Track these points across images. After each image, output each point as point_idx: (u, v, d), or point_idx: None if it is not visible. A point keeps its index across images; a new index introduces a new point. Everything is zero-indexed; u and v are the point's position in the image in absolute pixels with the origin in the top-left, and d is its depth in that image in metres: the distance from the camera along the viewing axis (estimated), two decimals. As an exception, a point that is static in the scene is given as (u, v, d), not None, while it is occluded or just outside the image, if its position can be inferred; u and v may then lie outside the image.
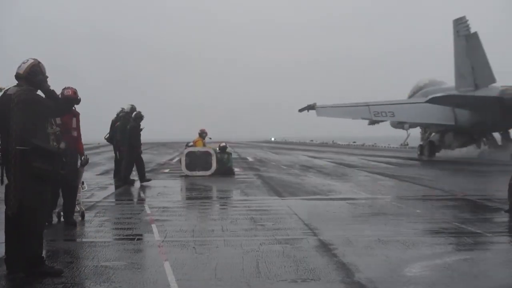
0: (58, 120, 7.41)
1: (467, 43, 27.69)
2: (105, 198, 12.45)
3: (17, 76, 5.76)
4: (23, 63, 5.80)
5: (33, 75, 5.74)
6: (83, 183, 9.49)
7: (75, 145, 8.88)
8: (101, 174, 18.19)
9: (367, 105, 30.33)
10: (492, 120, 27.32)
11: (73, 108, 8.30)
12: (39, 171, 5.57)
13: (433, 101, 27.77)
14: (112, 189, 14.49)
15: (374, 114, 30.42)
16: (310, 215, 9.66)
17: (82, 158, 9.01)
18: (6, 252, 5.76)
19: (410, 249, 6.91)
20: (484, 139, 29.89)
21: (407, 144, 43.40)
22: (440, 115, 29.41)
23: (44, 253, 5.85)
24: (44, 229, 5.87)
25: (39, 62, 5.83)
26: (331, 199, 12.07)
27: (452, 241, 7.47)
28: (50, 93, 5.86)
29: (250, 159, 29.79)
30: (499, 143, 29.16)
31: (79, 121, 9.06)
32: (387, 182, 15.85)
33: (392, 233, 7.93)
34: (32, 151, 5.53)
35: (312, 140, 75.21)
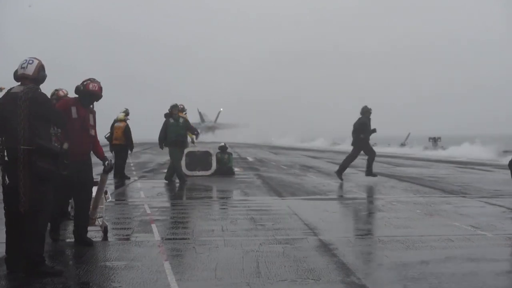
0: (74, 114, 7.06)
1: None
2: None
3: (23, 77, 5.73)
4: (29, 64, 5.74)
5: (41, 76, 5.77)
6: (106, 192, 7.88)
7: (95, 147, 7.45)
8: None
9: None
10: None
11: (92, 106, 7.41)
12: (43, 171, 5.57)
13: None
14: (112, 189, 14.49)
15: None
16: (310, 215, 9.65)
17: (106, 163, 7.34)
18: (6, 252, 5.76)
19: (410, 249, 6.92)
20: None
21: (405, 144, 45.58)
22: None
23: (44, 253, 5.83)
24: (46, 230, 5.87)
25: (41, 62, 5.83)
26: (331, 199, 12.07)
27: (453, 241, 7.47)
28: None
29: (250, 159, 29.77)
30: None
31: (95, 120, 7.53)
32: (387, 182, 15.84)
33: (392, 233, 7.93)
34: (37, 150, 5.53)
35: None
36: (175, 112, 16.05)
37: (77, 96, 7.34)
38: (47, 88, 6.01)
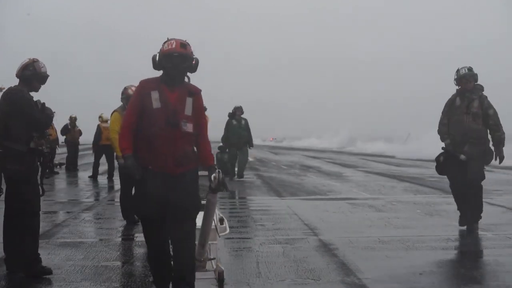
0: (156, 102, 4.56)
1: None
2: (105, 198, 12.44)
3: (16, 76, 5.74)
4: (21, 63, 5.75)
5: (24, 76, 5.64)
6: (222, 220, 5.36)
7: (199, 150, 4.84)
8: (101, 174, 18.16)
9: None
10: None
11: (187, 79, 4.74)
12: (12, 173, 5.50)
13: None
14: (112, 188, 14.49)
15: None
16: (310, 215, 9.65)
17: (213, 176, 4.73)
18: (5, 252, 5.75)
19: (410, 249, 6.91)
20: None
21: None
22: None
23: (42, 254, 5.83)
24: (35, 229, 5.73)
25: (34, 61, 5.69)
26: (331, 199, 12.07)
27: (453, 241, 7.47)
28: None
29: (250, 159, 29.70)
30: None
31: (201, 106, 4.76)
32: (387, 182, 15.84)
33: (393, 233, 7.92)
34: (4, 153, 5.47)
35: None
36: (238, 114, 16.39)
37: (160, 75, 4.76)
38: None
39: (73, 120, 20.82)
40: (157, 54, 4.65)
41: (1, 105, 5.57)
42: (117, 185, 15.19)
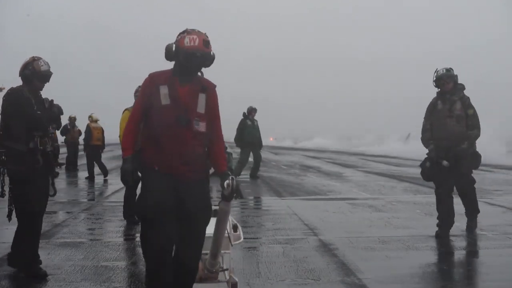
0: (165, 99, 4.14)
1: None
2: (105, 198, 12.43)
3: (19, 75, 5.73)
4: (23, 62, 5.74)
5: (23, 75, 5.60)
6: (236, 227, 5.07)
7: (212, 152, 4.35)
8: (101, 174, 18.16)
9: None
10: None
11: (199, 73, 4.26)
12: (12, 173, 5.51)
13: None
14: (112, 188, 14.49)
15: None
16: (310, 215, 9.65)
17: (225, 183, 4.25)
18: (12, 248, 5.78)
19: (410, 249, 6.91)
20: None
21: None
22: None
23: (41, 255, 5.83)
24: (36, 230, 5.74)
25: (34, 60, 5.61)
26: (331, 199, 12.07)
27: (453, 241, 7.46)
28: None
29: (250, 159, 29.73)
30: None
31: (215, 103, 4.31)
32: (387, 182, 15.84)
33: (393, 233, 7.93)
34: (6, 152, 5.48)
35: None
36: (253, 115, 16.70)
37: (171, 67, 4.33)
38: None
39: (72, 120, 20.82)
40: (173, 45, 4.20)
41: (2, 105, 5.59)
42: (115, 185, 15.21)
